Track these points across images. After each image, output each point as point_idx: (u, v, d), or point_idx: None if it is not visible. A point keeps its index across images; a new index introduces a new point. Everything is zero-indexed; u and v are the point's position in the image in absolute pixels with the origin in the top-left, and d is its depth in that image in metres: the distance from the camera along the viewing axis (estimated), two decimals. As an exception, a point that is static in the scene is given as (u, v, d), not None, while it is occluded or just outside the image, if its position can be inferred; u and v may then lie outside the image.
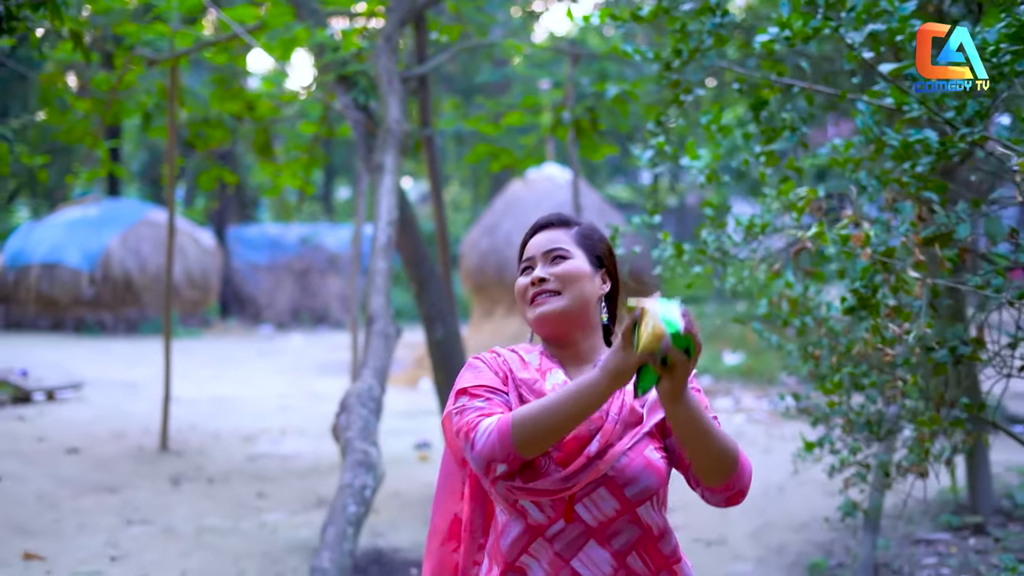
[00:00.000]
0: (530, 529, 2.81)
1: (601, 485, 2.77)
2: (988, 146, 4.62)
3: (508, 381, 2.91)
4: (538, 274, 2.94)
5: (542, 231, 3.05)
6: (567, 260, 2.97)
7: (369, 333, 7.34)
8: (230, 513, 8.91)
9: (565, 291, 2.93)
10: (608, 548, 2.78)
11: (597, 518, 2.78)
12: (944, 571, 7.48)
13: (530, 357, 2.99)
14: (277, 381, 16.77)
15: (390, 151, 7.85)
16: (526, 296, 2.97)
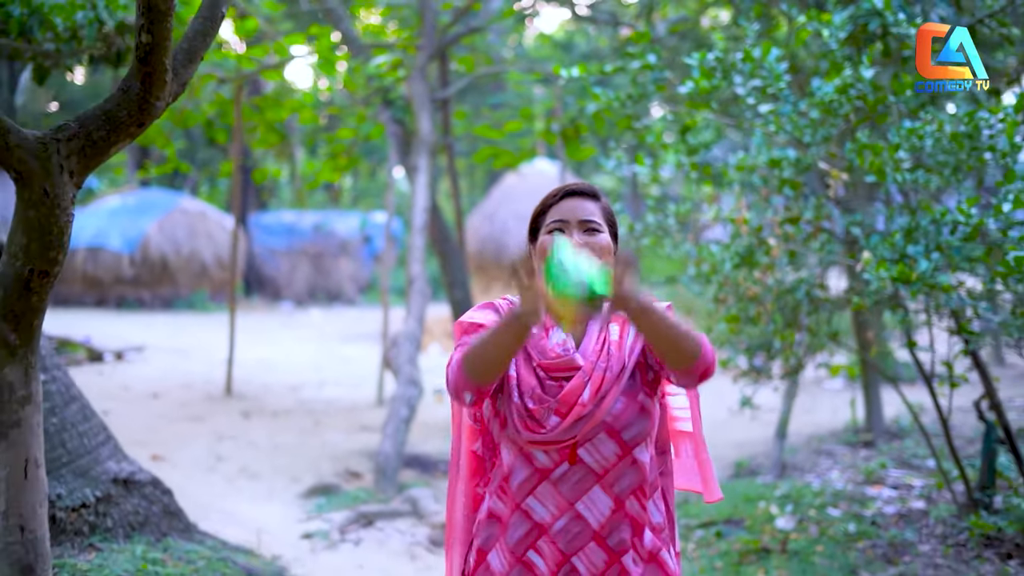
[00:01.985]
0: (537, 472, 3.05)
1: (601, 430, 3.02)
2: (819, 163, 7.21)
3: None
4: (577, 240, 3.07)
5: (573, 197, 3.19)
6: (599, 233, 3.14)
7: (410, 291, 9.96)
8: (296, 434, 11.51)
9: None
10: (611, 493, 3.04)
11: (599, 462, 3.04)
12: (834, 469, 10.11)
13: None
14: (306, 347, 19.28)
15: (423, 155, 10.46)
16: None
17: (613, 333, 3.15)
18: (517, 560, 3.08)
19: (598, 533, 3.03)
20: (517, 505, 3.07)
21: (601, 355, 3.09)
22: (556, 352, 3.10)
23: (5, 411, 3.41)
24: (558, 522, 3.03)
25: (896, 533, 7.56)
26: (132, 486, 6.68)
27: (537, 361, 3.11)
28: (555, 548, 3.04)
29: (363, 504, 8.63)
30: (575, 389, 3.02)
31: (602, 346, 3.11)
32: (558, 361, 3.10)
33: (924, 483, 8.87)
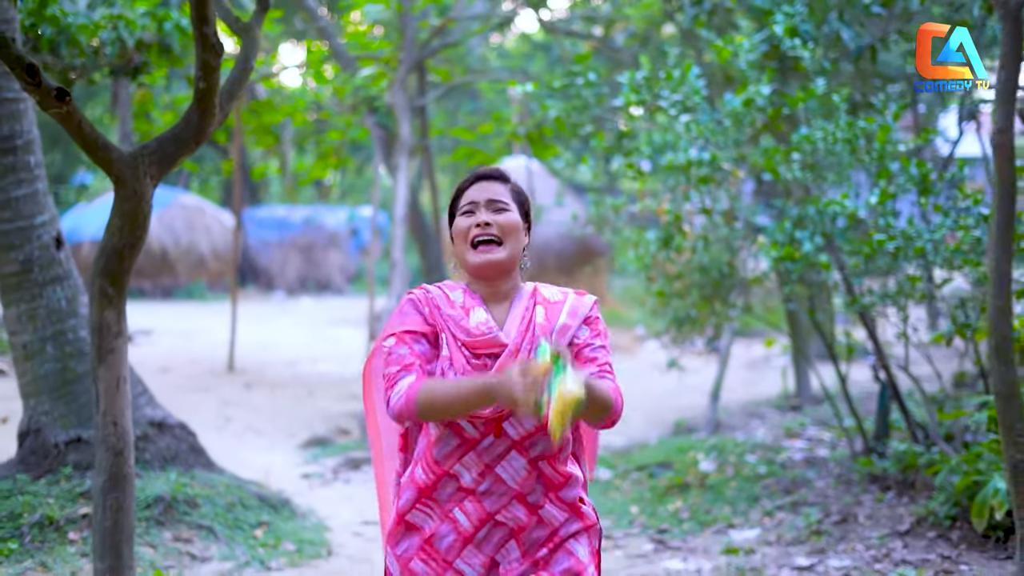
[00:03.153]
0: (465, 442, 3.31)
1: None
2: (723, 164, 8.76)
3: (435, 317, 3.35)
4: (483, 218, 3.32)
5: (483, 181, 3.44)
6: (507, 212, 3.37)
7: (392, 274, 11.51)
8: (292, 401, 13.05)
9: (506, 241, 3.35)
10: (525, 456, 3.32)
11: (520, 433, 3.30)
12: (761, 428, 11.68)
13: (454, 295, 3.41)
14: (298, 331, 20.78)
15: (403, 156, 12.01)
16: (468, 236, 3.37)
17: (539, 315, 3.39)
18: (445, 516, 3.36)
19: (518, 492, 3.33)
20: (445, 472, 3.33)
21: (526, 335, 3.33)
22: (480, 331, 3.33)
23: (105, 342, 4.91)
24: (481, 485, 3.32)
25: (799, 473, 9.12)
26: (164, 428, 8.24)
27: (462, 340, 3.33)
28: (480, 506, 3.32)
29: (351, 452, 10.23)
30: (502, 367, 3.24)
31: (527, 326, 3.36)
32: (483, 339, 3.33)
33: (832, 436, 10.42)
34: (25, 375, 7.91)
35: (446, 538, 3.34)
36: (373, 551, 7.42)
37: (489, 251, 3.33)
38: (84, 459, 7.71)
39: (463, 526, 3.33)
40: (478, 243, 3.36)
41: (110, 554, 4.92)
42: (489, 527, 3.33)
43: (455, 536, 3.34)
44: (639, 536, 8.11)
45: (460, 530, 3.33)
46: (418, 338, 3.33)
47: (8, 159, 7.65)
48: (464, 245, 3.38)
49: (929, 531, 7.31)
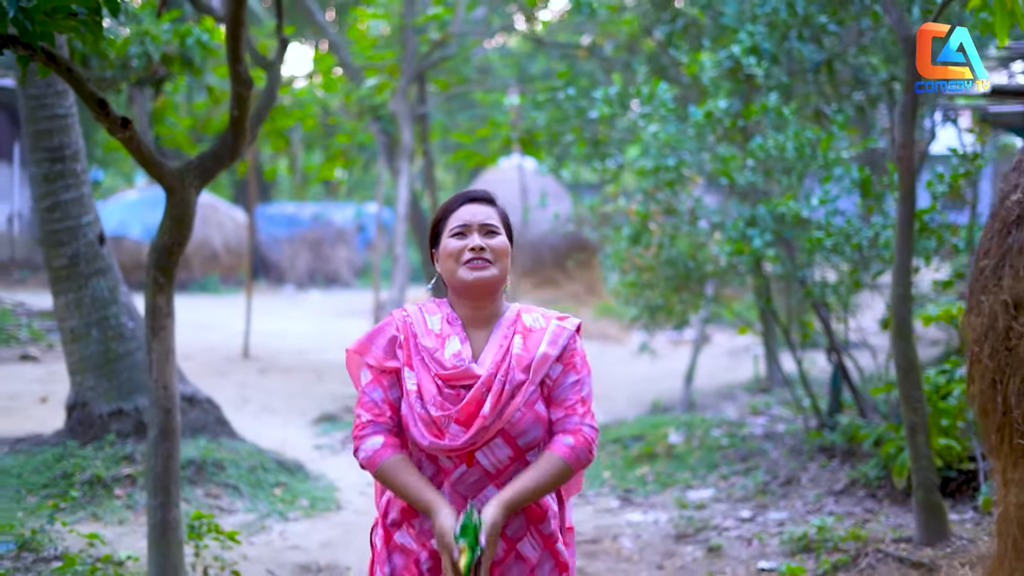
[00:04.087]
0: (440, 471, 3.37)
1: (498, 436, 3.33)
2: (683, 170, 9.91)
3: (408, 347, 3.41)
4: (479, 243, 3.37)
5: (474, 203, 3.47)
6: (498, 236, 3.42)
7: (395, 267, 12.68)
8: (304, 384, 14.22)
9: (497, 263, 3.40)
10: (500, 488, 3.36)
11: (494, 464, 3.35)
12: (731, 408, 12.83)
13: (433, 321, 3.46)
14: (308, 322, 21.92)
15: (405, 159, 13.17)
16: (460, 257, 3.40)
17: (516, 345, 3.42)
18: (423, 545, 3.42)
19: None
20: None
21: (501, 366, 3.37)
22: (453, 364, 3.37)
23: (157, 321, 6.05)
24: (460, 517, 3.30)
25: (756, 445, 10.28)
26: (194, 402, 9.42)
27: (435, 372, 3.39)
28: None
29: (358, 427, 11.41)
30: (474, 399, 3.31)
31: (503, 357, 3.40)
32: (455, 372, 3.37)
33: (791, 414, 11.56)
34: (72, 355, 9.09)
35: (426, 563, 3.42)
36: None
37: (481, 267, 3.39)
38: (125, 428, 8.90)
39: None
40: (469, 262, 3.41)
41: (161, 493, 6.06)
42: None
43: (432, 563, 3.41)
44: (608, 495, 9.28)
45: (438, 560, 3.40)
46: (393, 380, 3.42)
47: (58, 167, 8.83)
48: (455, 264, 3.42)
49: (860, 490, 8.45)
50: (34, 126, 8.85)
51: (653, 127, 10.03)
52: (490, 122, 16.15)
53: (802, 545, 7.21)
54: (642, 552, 7.63)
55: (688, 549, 7.67)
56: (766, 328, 13.06)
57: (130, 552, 6.80)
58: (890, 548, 6.77)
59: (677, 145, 9.95)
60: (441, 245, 3.49)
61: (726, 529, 8.01)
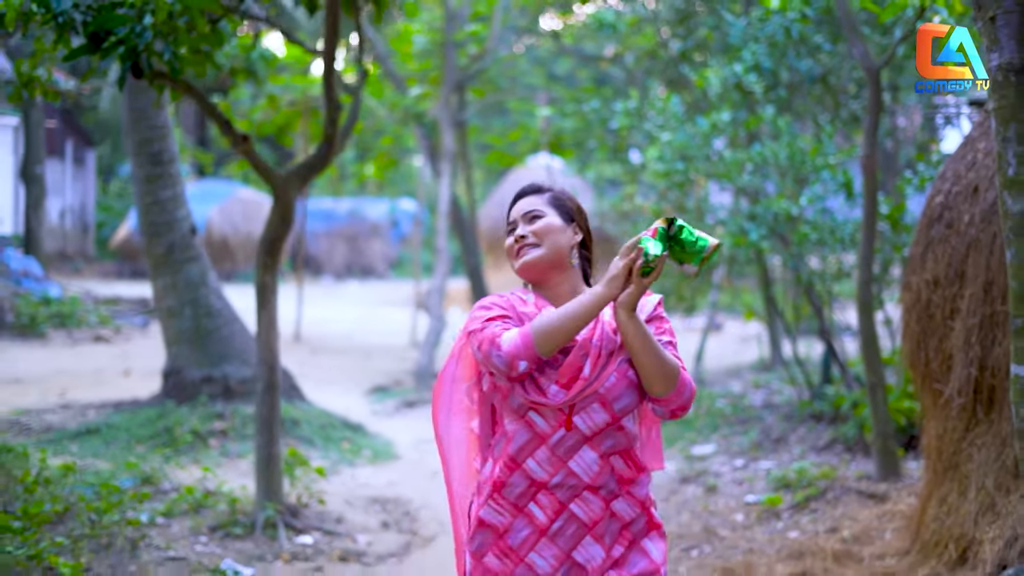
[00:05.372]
0: (536, 437, 3.44)
1: (595, 401, 3.40)
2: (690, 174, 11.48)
3: (513, 313, 3.50)
4: (519, 232, 3.55)
5: (521, 199, 3.65)
6: (542, 218, 3.56)
7: (438, 259, 14.27)
8: (354, 362, 15.82)
9: (542, 243, 3.52)
10: (597, 450, 3.43)
11: (591, 427, 3.42)
12: (737, 385, 14.36)
13: (527, 299, 3.58)
14: (350, 309, 23.53)
15: (447, 162, 14.76)
16: (512, 251, 3.58)
17: (605, 313, 3.45)
18: (519, 511, 3.45)
19: (590, 484, 3.42)
20: (518, 466, 3.44)
21: (595, 332, 3.42)
22: None
23: (265, 295, 7.64)
24: (554, 478, 3.41)
25: (755, 412, 11.84)
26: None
27: None
28: (553, 498, 3.42)
29: (407, 396, 13.05)
30: (573, 362, 3.37)
31: (595, 323, 3.44)
32: None
33: (788, 388, 13.11)
34: (169, 330, 10.75)
35: (520, 532, 3.44)
36: (428, 458, 10.18)
37: (525, 252, 3.52)
38: (215, 391, 10.53)
39: (539, 519, 3.43)
40: (518, 252, 3.55)
41: (267, 432, 7.65)
42: (564, 519, 3.43)
43: (530, 530, 3.44)
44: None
45: (536, 523, 3.43)
46: (506, 318, 3.45)
47: (159, 169, 10.47)
48: (511, 259, 3.59)
49: (839, 447, 9.98)
50: (137, 135, 10.49)
51: (666, 135, 11.58)
52: (520, 126, 17.74)
53: (783, 483, 8.76)
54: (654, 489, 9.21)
55: (690, 488, 9.24)
56: (769, 314, 14.60)
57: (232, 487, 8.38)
58: (852, 484, 8.34)
59: (686, 151, 11.51)
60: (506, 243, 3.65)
61: (722, 474, 9.58)
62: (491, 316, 3.44)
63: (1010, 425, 5.80)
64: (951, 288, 6.61)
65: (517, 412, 3.44)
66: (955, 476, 6.57)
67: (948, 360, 6.62)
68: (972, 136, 6.94)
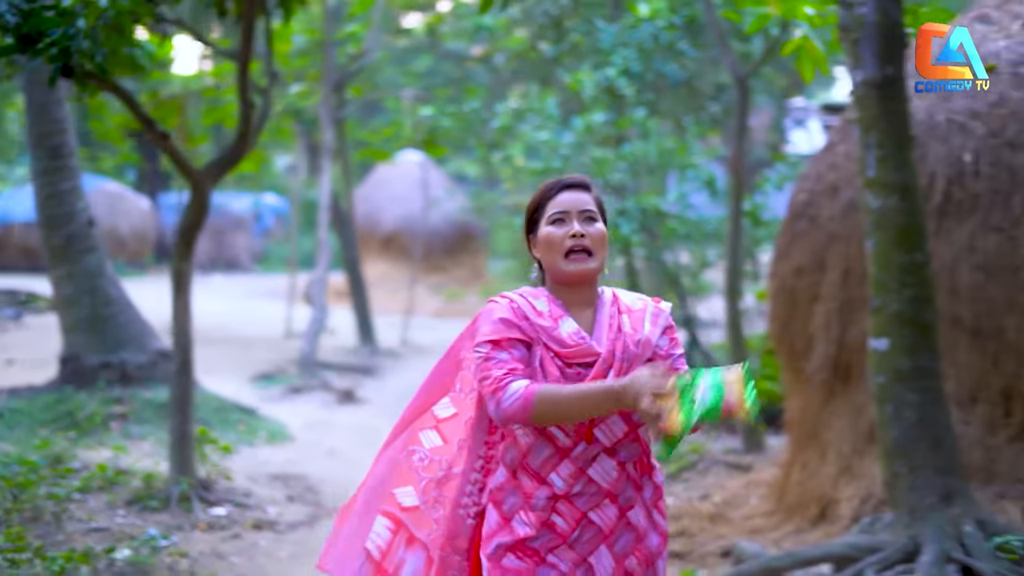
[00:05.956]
0: (559, 451, 3.36)
1: (615, 413, 3.30)
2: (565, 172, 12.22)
3: (526, 325, 3.35)
4: (578, 229, 3.35)
5: (571, 190, 3.44)
6: (596, 223, 3.41)
7: (320, 250, 14.77)
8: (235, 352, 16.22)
9: (596, 252, 3.39)
10: (615, 459, 3.38)
11: (610, 438, 3.36)
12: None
13: (539, 304, 3.40)
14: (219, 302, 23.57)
15: (327, 158, 15.27)
16: (562, 246, 3.36)
17: (625, 324, 3.41)
18: (542, 523, 3.37)
19: (610, 491, 3.37)
20: (543, 480, 3.37)
21: (617, 344, 3.35)
22: (575, 341, 3.34)
23: (181, 282, 8.14)
24: (574, 487, 3.36)
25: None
26: (167, 356, 11.46)
27: (556, 351, 3.34)
28: (573, 507, 3.36)
29: (292, 383, 13.55)
30: (598, 375, 3.30)
31: (616, 333, 3.38)
32: (577, 349, 3.35)
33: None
34: (66, 318, 11.13)
35: (541, 539, 3.38)
36: (322, 439, 10.75)
37: (582, 260, 3.36)
38: (112, 377, 10.94)
39: (561, 528, 3.37)
40: (570, 252, 3.37)
41: (181, 412, 8.15)
42: (583, 526, 3.38)
43: (551, 537, 3.38)
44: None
45: (558, 532, 3.38)
46: (516, 345, 3.33)
47: (58, 162, 10.86)
48: (555, 254, 3.38)
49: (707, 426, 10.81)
50: (37, 129, 10.85)
51: (543, 135, 12.31)
52: (394, 123, 18.29)
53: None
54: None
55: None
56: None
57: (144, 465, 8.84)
58: (720, 457, 9.17)
59: (562, 150, 12.25)
60: (540, 232, 3.44)
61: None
62: (499, 338, 3.34)
63: (866, 394, 6.60)
64: (813, 276, 7.43)
65: (535, 427, 3.35)
66: (816, 444, 7.39)
67: (810, 340, 7.44)
68: (833, 140, 7.77)
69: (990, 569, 5.36)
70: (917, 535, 5.53)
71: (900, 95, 5.69)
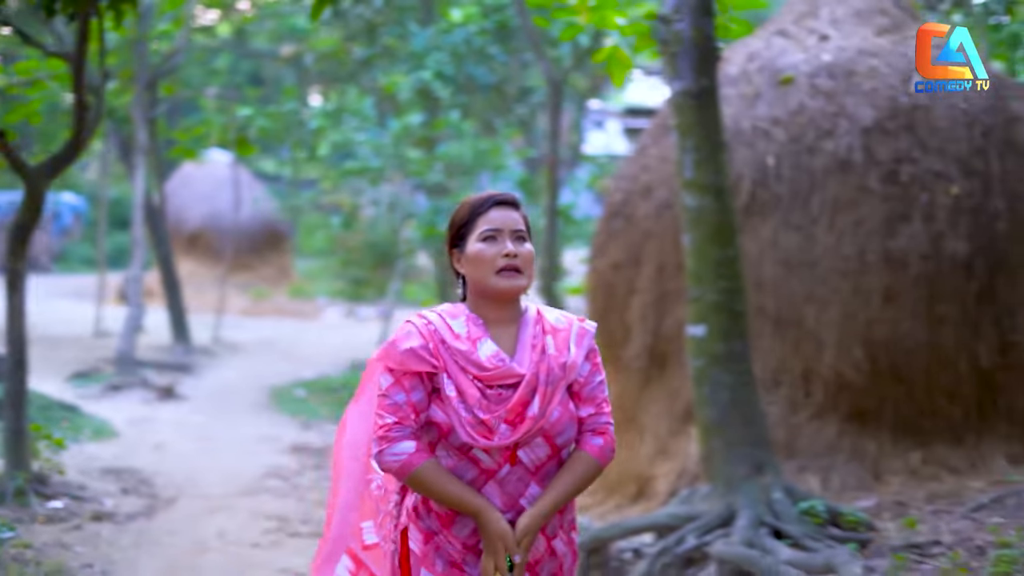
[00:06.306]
0: (483, 473, 3.30)
1: (538, 435, 3.30)
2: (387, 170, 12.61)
3: (439, 352, 3.27)
4: (512, 249, 3.31)
5: (501, 207, 3.38)
6: (527, 243, 3.39)
7: (135, 249, 14.83)
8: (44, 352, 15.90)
9: (525, 271, 3.36)
10: (542, 487, 3.34)
11: (534, 461, 3.33)
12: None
13: (457, 325, 3.32)
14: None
15: (140, 156, 15.31)
16: (494, 264, 3.30)
17: (549, 345, 3.36)
18: (468, 550, 3.33)
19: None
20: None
21: (541, 366, 3.31)
22: (493, 364, 3.29)
23: (17, 280, 8.26)
24: (506, 515, 3.29)
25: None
26: (-12, 355, 11.46)
27: (475, 374, 3.28)
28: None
29: (111, 380, 13.59)
30: (522, 399, 3.27)
31: (540, 356, 3.33)
32: (496, 372, 3.29)
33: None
34: None
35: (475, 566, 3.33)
36: (146, 435, 10.91)
37: (513, 278, 3.32)
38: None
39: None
40: (502, 270, 3.32)
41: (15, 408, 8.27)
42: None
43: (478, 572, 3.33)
44: (330, 423, 11.87)
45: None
46: (416, 384, 3.28)
47: None
48: (486, 271, 3.31)
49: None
50: None
51: (361, 135, 12.69)
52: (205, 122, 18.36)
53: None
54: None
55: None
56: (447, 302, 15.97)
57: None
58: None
59: (379, 150, 12.64)
60: (469, 248, 3.36)
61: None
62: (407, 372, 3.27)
63: (680, 379, 7.20)
64: (630, 271, 8.00)
65: (460, 449, 3.28)
66: (634, 427, 7.96)
67: (628, 331, 8.01)
68: (645, 144, 8.36)
69: (798, 531, 5.99)
70: (732, 503, 6.13)
71: (714, 104, 6.29)
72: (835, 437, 7.33)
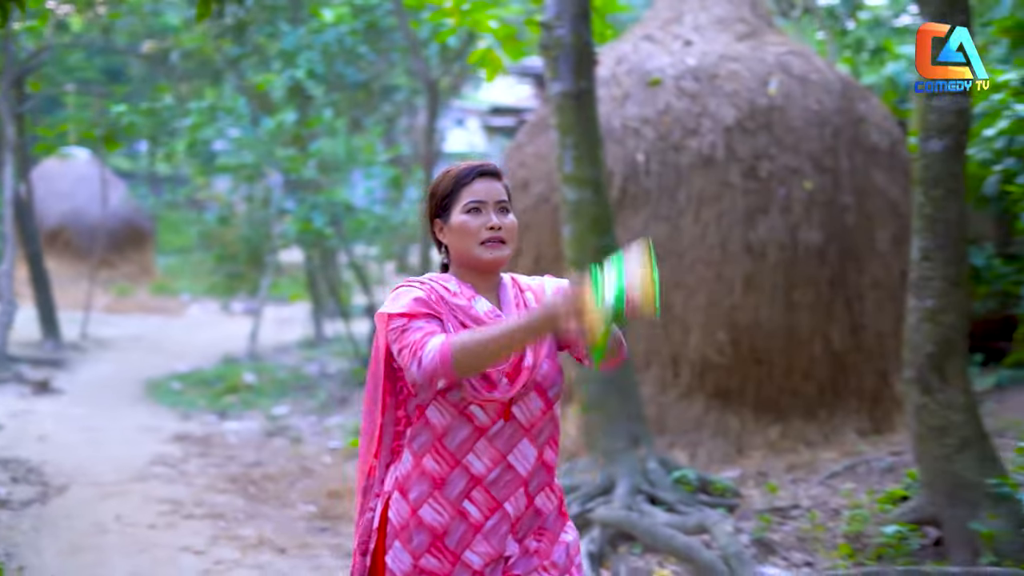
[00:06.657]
0: (476, 430, 3.27)
1: (532, 389, 3.28)
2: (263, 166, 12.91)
3: (440, 306, 3.27)
4: (496, 221, 3.30)
5: (485, 178, 3.37)
6: (510, 214, 3.37)
7: (5, 245, 14.84)
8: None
9: (509, 242, 3.33)
10: (535, 444, 3.32)
11: (528, 417, 3.29)
12: (288, 359, 15.87)
13: (451, 285, 3.33)
14: None
15: (8, 153, 15.31)
16: (478, 235, 3.29)
17: (531, 300, 3.39)
18: (455, 512, 3.30)
19: (526, 480, 3.33)
20: (457, 462, 3.28)
21: None
22: (491, 317, 3.30)
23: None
24: (491, 473, 3.29)
25: (314, 380, 13.38)
26: None
27: (473, 328, 3.26)
28: (488, 496, 3.30)
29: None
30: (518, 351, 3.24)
31: (524, 311, 3.33)
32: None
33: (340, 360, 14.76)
34: None
35: (456, 532, 3.31)
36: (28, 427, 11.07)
37: (498, 249, 3.30)
38: None
39: (474, 517, 3.30)
40: (487, 241, 3.30)
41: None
42: (498, 517, 3.33)
43: (466, 527, 3.31)
44: (206, 414, 12.12)
45: (471, 521, 3.31)
46: (431, 318, 3.24)
47: None
48: (471, 242, 3.31)
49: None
50: None
51: (235, 132, 12.95)
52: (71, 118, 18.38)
53: (355, 431, 10.38)
54: (244, 443, 10.57)
55: (277, 441, 10.69)
56: (315, 298, 16.25)
57: None
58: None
59: (254, 148, 12.92)
60: (453, 219, 3.34)
61: (302, 428, 11.10)
62: (414, 312, 3.21)
63: (559, 362, 7.68)
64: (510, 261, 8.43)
65: (456, 406, 3.24)
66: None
67: (507, 317, 8.45)
68: (521, 141, 8.84)
69: (672, 497, 6.53)
70: (612, 473, 6.63)
71: (591, 104, 6.79)
72: (701, 414, 7.92)
